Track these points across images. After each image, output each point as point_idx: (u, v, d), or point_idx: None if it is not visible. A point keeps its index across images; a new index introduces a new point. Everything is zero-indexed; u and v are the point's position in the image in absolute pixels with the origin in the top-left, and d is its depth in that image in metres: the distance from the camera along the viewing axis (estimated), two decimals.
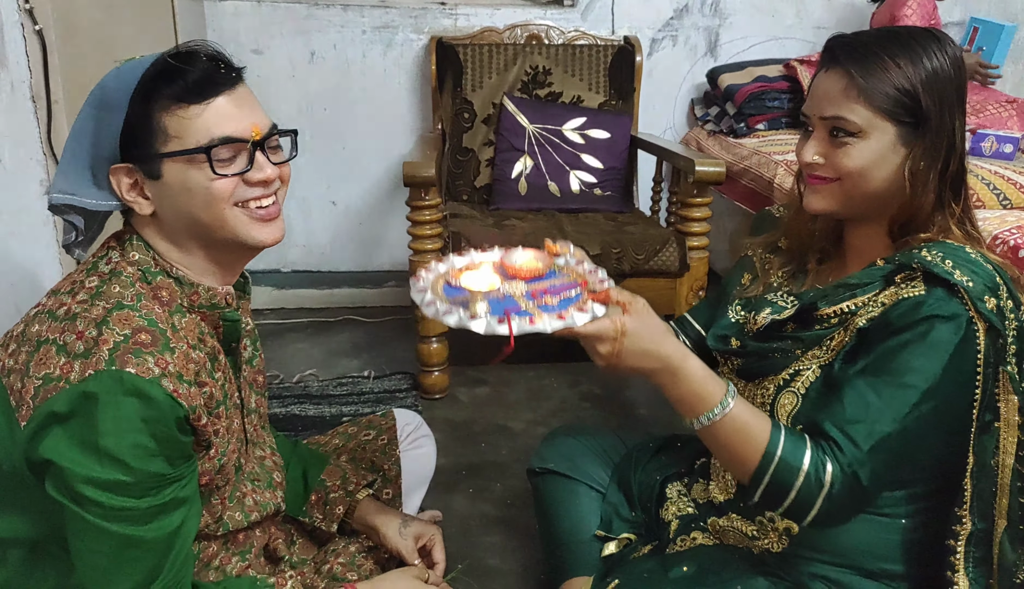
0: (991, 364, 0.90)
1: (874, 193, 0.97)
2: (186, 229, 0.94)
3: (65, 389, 0.82)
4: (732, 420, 0.92)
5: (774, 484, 0.91)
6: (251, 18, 2.65)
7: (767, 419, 0.94)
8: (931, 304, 0.89)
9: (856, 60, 0.94)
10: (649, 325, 0.93)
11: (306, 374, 2.34)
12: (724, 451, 0.96)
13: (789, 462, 0.90)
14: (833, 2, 2.90)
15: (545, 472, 1.35)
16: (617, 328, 0.89)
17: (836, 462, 0.89)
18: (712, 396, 0.93)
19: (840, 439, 0.90)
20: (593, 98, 2.64)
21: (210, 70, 0.90)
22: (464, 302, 0.89)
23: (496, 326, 0.84)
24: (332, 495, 1.22)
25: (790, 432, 0.93)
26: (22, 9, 1.45)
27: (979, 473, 0.93)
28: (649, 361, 0.92)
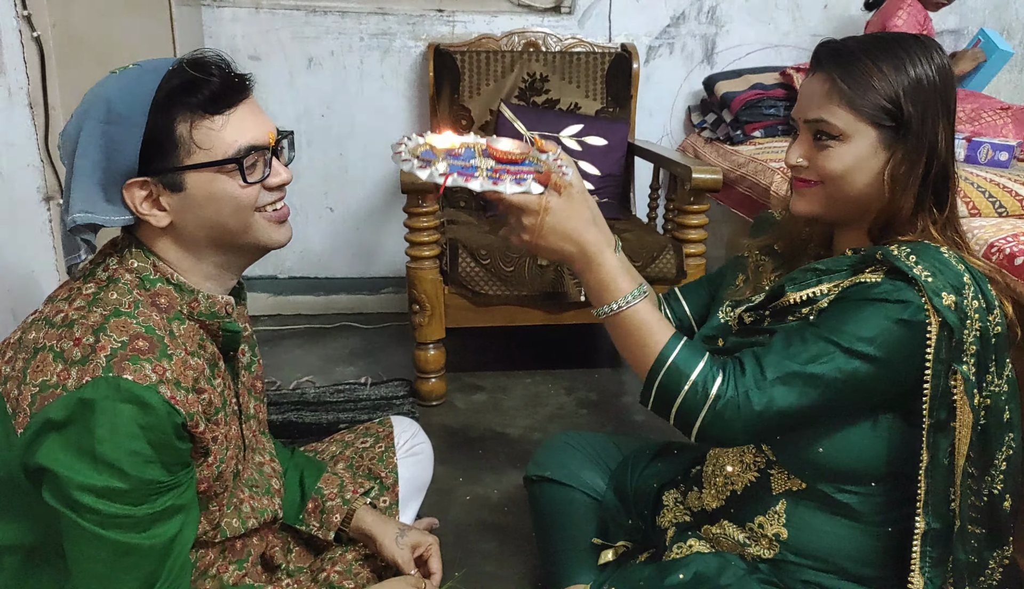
0: (942, 361, 0.90)
1: (856, 196, 0.98)
2: (207, 237, 0.94)
3: (62, 396, 0.82)
4: (634, 315, 0.96)
5: (663, 387, 0.94)
6: (249, 24, 2.66)
7: (672, 329, 0.97)
8: (884, 287, 0.90)
9: (840, 65, 0.95)
10: (576, 209, 0.95)
11: (303, 381, 2.33)
12: (624, 347, 0.98)
13: (679, 368, 0.93)
14: (829, 10, 2.91)
15: (542, 480, 1.35)
16: (541, 203, 0.92)
17: (732, 381, 0.92)
18: (620, 289, 0.96)
19: (748, 362, 0.93)
20: (590, 105, 2.65)
21: (228, 80, 0.91)
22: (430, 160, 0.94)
23: (436, 177, 0.90)
24: (329, 503, 1.21)
25: (691, 344, 0.95)
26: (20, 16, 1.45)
27: (932, 471, 0.93)
28: (568, 244, 0.95)
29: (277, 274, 2.93)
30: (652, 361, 0.94)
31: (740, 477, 1.08)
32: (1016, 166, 2.11)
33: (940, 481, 0.94)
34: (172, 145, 0.88)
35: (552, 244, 0.95)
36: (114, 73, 0.90)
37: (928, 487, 0.94)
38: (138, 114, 0.87)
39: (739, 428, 0.92)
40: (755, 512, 1.06)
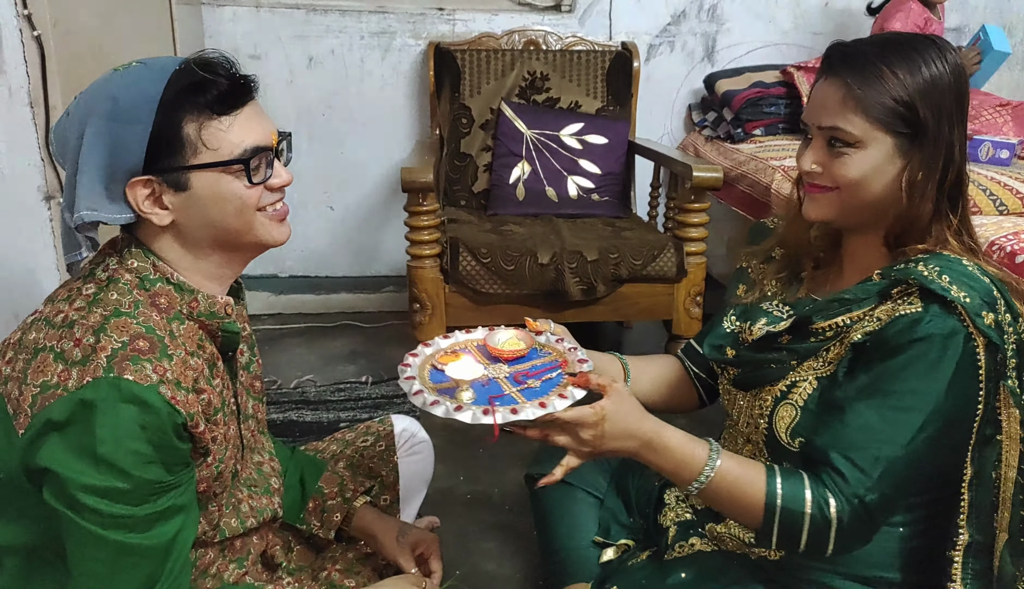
0: (992, 379, 0.90)
1: (871, 203, 0.97)
2: (209, 236, 0.94)
3: (63, 397, 0.82)
4: (723, 477, 0.93)
5: (784, 531, 0.92)
6: (249, 23, 2.66)
7: (759, 466, 0.94)
8: (928, 322, 0.89)
9: (854, 70, 0.94)
10: (627, 406, 0.95)
11: (303, 380, 2.34)
12: (726, 508, 0.97)
13: (791, 508, 0.90)
14: (830, 8, 2.91)
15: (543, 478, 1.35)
16: (597, 413, 0.92)
17: (840, 494, 0.89)
18: (698, 460, 0.94)
19: (846, 468, 0.90)
20: (591, 103, 2.65)
21: (236, 81, 0.91)
22: (451, 388, 0.94)
23: (481, 417, 0.89)
24: (330, 502, 1.21)
25: (785, 475, 0.93)
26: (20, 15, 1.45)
27: (977, 485, 0.93)
28: (630, 441, 0.94)
29: (278, 273, 2.93)
30: (761, 513, 0.92)
31: None
32: (1017, 164, 2.11)
33: (985, 494, 0.94)
34: (179, 144, 0.88)
35: (614, 447, 0.94)
36: (117, 70, 0.90)
37: (972, 500, 0.94)
38: (145, 112, 0.86)
39: (866, 531, 0.92)
40: None
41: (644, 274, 2.12)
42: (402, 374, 0.98)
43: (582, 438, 0.93)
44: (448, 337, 1.07)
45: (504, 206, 2.49)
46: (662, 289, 2.15)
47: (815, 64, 2.65)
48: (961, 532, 0.94)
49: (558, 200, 2.50)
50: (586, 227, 2.32)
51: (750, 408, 1.06)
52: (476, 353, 1.01)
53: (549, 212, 2.46)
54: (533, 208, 2.47)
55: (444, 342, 1.06)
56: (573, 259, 2.07)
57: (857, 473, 0.89)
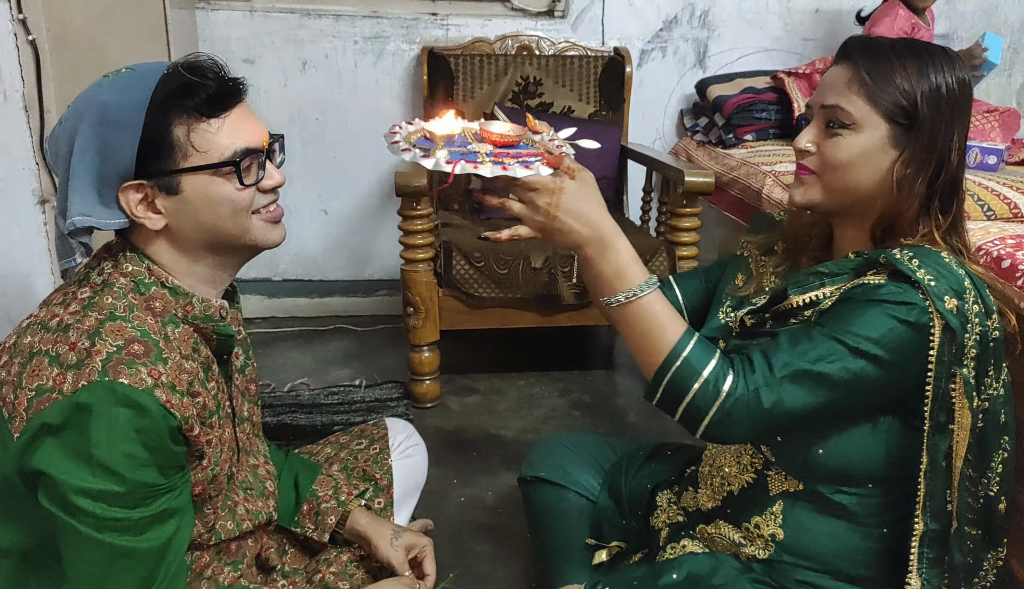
0: (944, 363, 0.91)
1: (856, 189, 0.98)
2: (203, 240, 0.94)
3: (58, 400, 0.82)
4: (646, 306, 0.93)
5: (673, 383, 0.92)
6: (243, 27, 2.66)
7: (684, 323, 0.95)
8: (888, 289, 0.91)
9: (867, 57, 0.96)
10: (590, 192, 0.94)
11: (297, 383, 2.34)
12: (634, 339, 0.95)
13: (692, 364, 0.91)
14: (820, 15, 2.93)
15: (536, 480, 1.36)
16: (556, 183, 0.91)
17: (742, 378, 0.91)
18: (634, 277, 0.93)
19: (757, 360, 0.92)
20: (583, 108, 2.66)
21: (224, 84, 0.91)
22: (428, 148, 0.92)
23: (443, 165, 0.88)
24: (324, 505, 1.22)
25: (701, 340, 0.94)
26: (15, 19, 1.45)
27: (931, 473, 0.94)
28: (582, 226, 0.92)
29: (271, 277, 2.93)
30: (663, 356, 0.92)
31: (737, 478, 1.09)
32: (1004, 170, 2.13)
33: (939, 483, 0.95)
34: (168, 148, 0.89)
35: (567, 225, 0.92)
36: (107, 76, 0.90)
37: (927, 489, 0.94)
38: (134, 117, 0.87)
39: (746, 426, 0.92)
40: (751, 513, 1.07)
41: None
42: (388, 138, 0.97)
43: (536, 204, 0.92)
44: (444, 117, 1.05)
45: (497, 210, 2.49)
46: None
47: (806, 70, 2.68)
48: (916, 522, 0.95)
49: None
50: None
51: None
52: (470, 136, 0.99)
53: None
54: None
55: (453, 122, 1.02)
56: (566, 263, 2.09)
57: (765, 368, 0.91)
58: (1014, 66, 3.12)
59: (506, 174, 0.89)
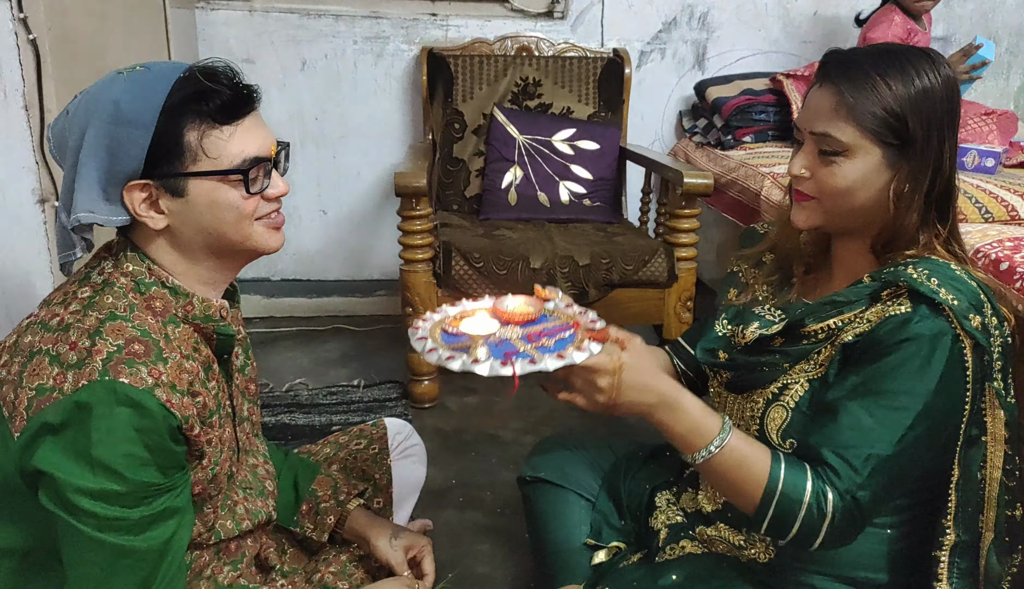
0: (978, 380, 0.92)
1: (857, 211, 0.98)
2: (204, 242, 0.94)
3: (58, 400, 0.82)
4: (731, 453, 0.93)
5: (778, 517, 0.92)
6: (242, 27, 2.66)
7: (765, 450, 0.95)
8: (918, 322, 0.90)
9: (847, 78, 0.95)
10: (646, 360, 0.95)
11: (296, 383, 2.34)
12: (725, 484, 0.96)
13: (791, 496, 0.91)
14: (819, 16, 2.94)
15: (535, 481, 1.36)
16: (615, 362, 0.92)
17: (835, 490, 0.90)
18: (710, 430, 0.94)
19: (838, 465, 0.91)
20: (583, 109, 2.66)
21: (239, 91, 0.92)
22: (464, 348, 0.92)
23: (499, 368, 0.87)
24: (323, 505, 1.22)
25: (789, 463, 0.93)
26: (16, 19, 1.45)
27: (964, 485, 0.95)
28: (647, 396, 0.94)
29: (270, 276, 2.93)
30: (760, 494, 0.92)
31: None
32: (1002, 172, 2.13)
33: (972, 495, 0.95)
34: (179, 151, 0.89)
35: (631, 399, 0.94)
36: (120, 73, 0.90)
37: (959, 501, 0.95)
38: (147, 118, 0.87)
39: (856, 530, 0.93)
40: None
41: (635, 279, 2.13)
42: (412, 336, 0.97)
43: (599, 387, 0.92)
44: (455, 305, 1.05)
45: (496, 211, 2.50)
46: (653, 294, 2.17)
47: (804, 72, 2.68)
48: (948, 532, 0.96)
49: (550, 205, 2.51)
50: (578, 232, 2.34)
51: (741, 410, 1.07)
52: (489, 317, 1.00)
53: (541, 217, 2.47)
54: (525, 213, 2.48)
55: (452, 309, 1.04)
56: (565, 264, 2.09)
57: (849, 470, 0.90)
58: (1012, 69, 3.13)
59: (567, 362, 0.88)
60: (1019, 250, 1.33)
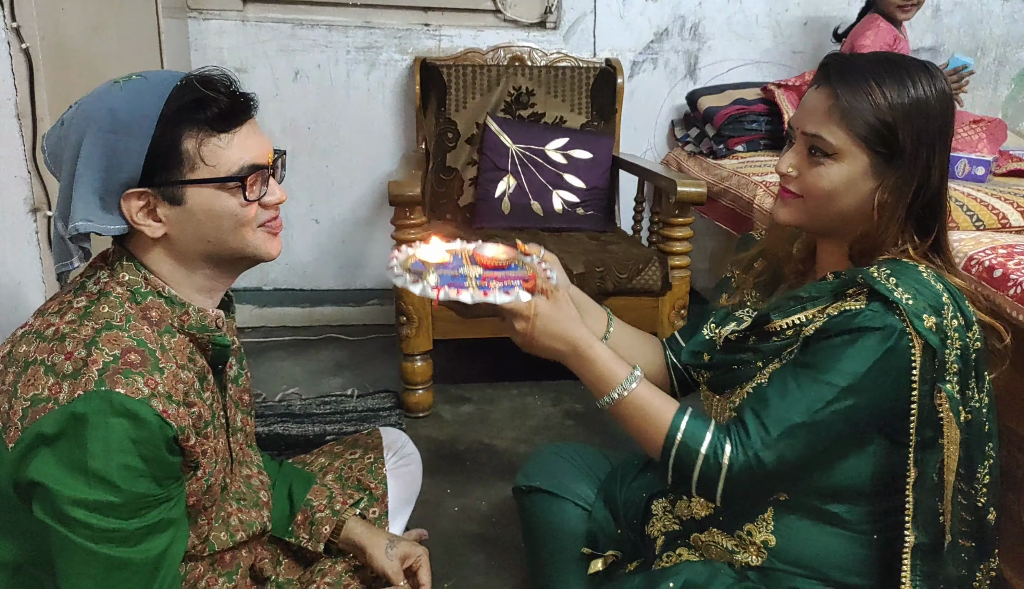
0: (927, 381, 0.92)
1: (838, 214, 1.00)
2: (201, 250, 0.94)
3: (54, 410, 0.82)
4: (635, 399, 1.00)
5: (677, 465, 0.97)
6: (235, 37, 2.66)
7: (673, 403, 1.01)
8: (866, 315, 0.92)
9: (845, 82, 0.96)
10: (563, 310, 1.02)
11: (289, 393, 2.33)
12: (634, 432, 1.02)
13: (688, 443, 0.96)
14: (809, 27, 2.97)
15: (531, 490, 1.36)
16: (530, 308, 1.00)
17: (739, 445, 0.94)
18: (616, 377, 1.01)
19: (751, 423, 0.95)
20: (575, 119, 2.67)
21: (236, 99, 0.92)
22: (420, 273, 1.02)
23: (429, 291, 0.98)
24: (318, 515, 1.21)
25: (694, 415, 0.98)
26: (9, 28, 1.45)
27: (920, 486, 0.95)
28: (559, 343, 1.02)
29: (262, 286, 2.92)
30: (662, 442, 0.98)
31: None
32: (992, 181, 2.16)
33: (928, 496, 0.96)
34: (177, 159, 0.89)
35: (544, 344, 1.02)
36: (117, 83, 0.90)
37: (916, 501, 0.95)
38: (145, 126, 0.87)
39: (757, 488, 0.96)
40: (744, 519, 1.07)
41: (629, 287, 2.14)
42: (389, 259, 1.07)
43: (515, 328, 1.01)
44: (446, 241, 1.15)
45: (490, 220, 2.50)
46: (647, 302, 2.17)
47: (795, 82, 2.70)
48: (907, 533, 0.96)
49: (543, 214, 2.52)
50: (571, 241, 2.34)
51: (722, 410, 1.09)
52: (465, 258, 1.10)
53: (534, 226, 2.48)
54: (519, 222, 2.49)
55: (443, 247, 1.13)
56: None
57: (760, 429, 0.94)
58: (999, 79, 3.16)
59: (485, 300, 0.98)
60: (1012, 257, 1.34)
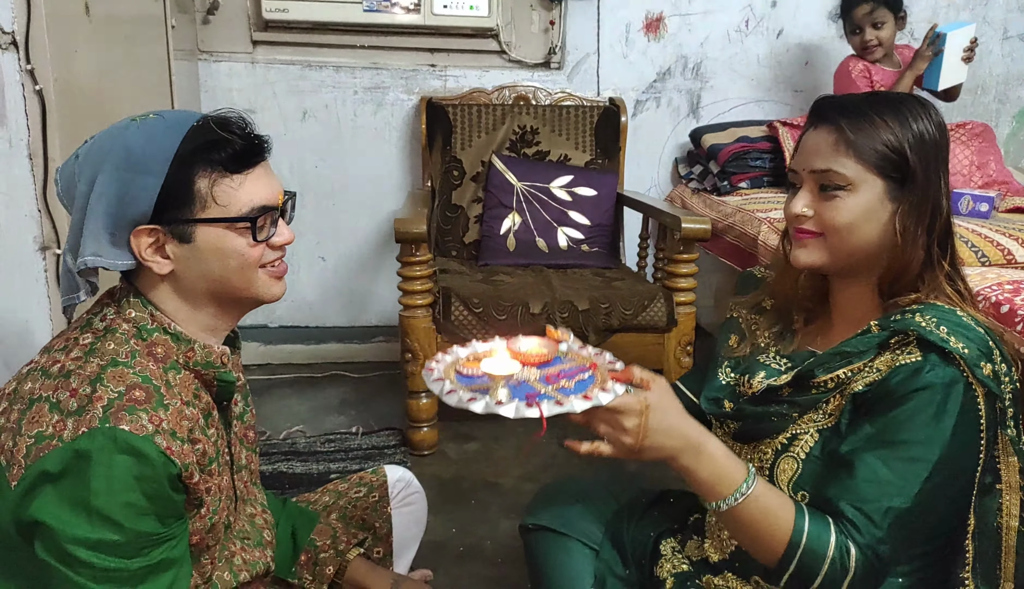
0: (991, 428, 0.91)
1: (860, 247, 0.98)
2: (207, 289, 0.95)
3: (58, 448, 0.81)
4: (755, 501, 0.91)
5: (800, 570, 0.90)
6: (245, 78, 2.71)
7: (789, 500, 0.93)
8: (929, 371, 0.90)
9: (846, 116, 0.97)
10: (672, 401, 0.93)
11: (293, 430, 2.32)
12: (748, 535, 0.94)
13: (815, 549, 0.89)
14: (810, 67, 3.00)
15: (537, 529, 1.34)
16: (642, 402, 0.90)
17: (856, 544, 0.88)
18: (735, 476, 0.92)
19: (857, 518, 0.89)
20: (580, 157, 2.70)
21: (250, 141, 0.94)
22: (482, 389, 0.90)
23: (525, 410, 0.85)
24: (322, 555, 1.20)
25: (813, 515, 0.91)
26: (23, 70, 1.48)
27: (980, 535, 0.93)
28: (673, 439, 0.91)
29: (268, 323, 2.93)
30: (784, 547, 0.90)
31: None
32: (996, 217, 2.16)
33: (989, 545, 0.94)
34: (189, 198, 0.90)
35: (658, 442, 0.91)
36: (134, 121, 0.92)
37: (976, 551, 0.94)
38: (159, 165, 0.88)
39: (877, 582, 0.91)
40: (760, 566, 1.05)
41: (635, 324, 2.13)
42: (428, 377, 0.94)
43: (626, 428, 0.89)
44: (465, 346, 1.03)
45: (495, 257, 2.51)
46: (652, 339, 2.17)
47: (798, 121, 2.73)
48: (967, 583, 0.94)
49: (548, 251, 2.52)
50: (576, 277, 2.35)
51: (749, 461, 1.05)
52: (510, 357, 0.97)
53: (539, 263, 2.48)
54: (524, 259, 2.49)
55: (463, 350, 1.02)
56: (564, 309, 2.09)
57: (869, 524, 0.88)
58: (1000, 117, 3.19)
59: (594, 403, 0.86)
60: (1019, 293, 1.33)
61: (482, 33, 2.78)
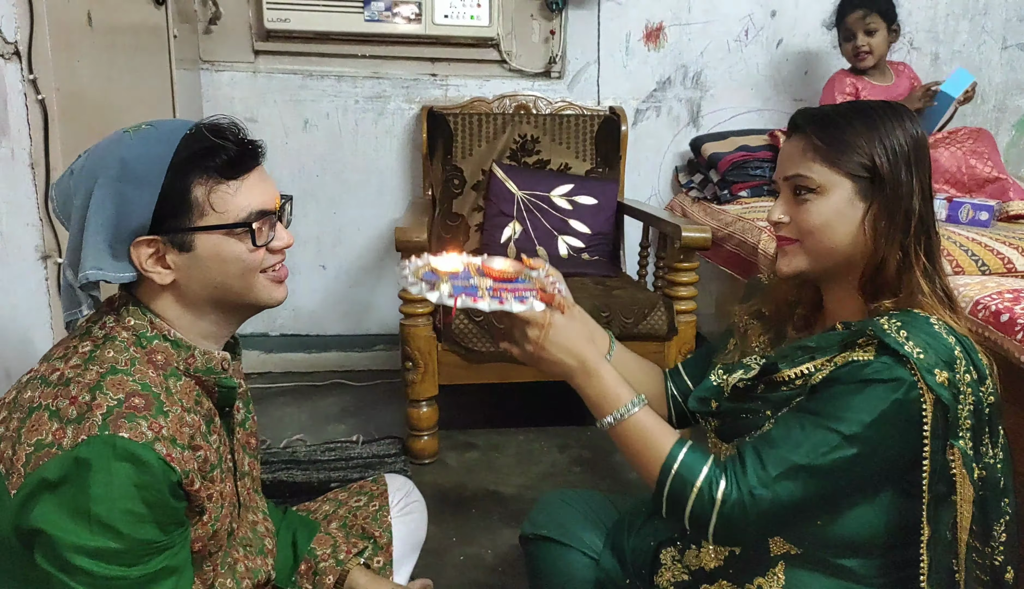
0: (939, 437, 0.91)
1: (835, 248, 1.00)
2: (209, 296, 0.95)
3: (57, 455, 0.81)
4: (636, 424, 1.00)
5: (672, 496, 0.96)
6: (246, 87, 2.72)
7: (675, 434, 1.00)
8: (875, 367, 0.91)
9: (816, 125, 1.01)
10: (576, 325, 1.04)
11: (294, 439, 2.31)
12: (631, 456, 1.02)
13: (684, 475, 0.95)
14: (809, 76, 3.01)
15: (538, 538, 1.33)
16: (545, 317, 1.01)
17: (735, 482, 0.93)
18: (621, 398, 1.01)
19: (749, 460, 0.94)
20: (580, 165, 2.71)
21: (244, 147, 0.94)
22: (434, 282, 1.04)
23: (446, 299, 1.00)
24: (322, 564, 1.20)
25: (693, 449, 0.97)
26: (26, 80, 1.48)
27: (934, 544, 0.94)
28: (569, 357, 1.02)
29: (268, 331, 2.93)
30: (658, 470, 0.97)
31: None
32: (996, 226, 2.16)
33: (943, 554, 0.94)
34: (186, 207, 0.90)
35: (554, 356, 1.02)
36: (127, 132, 0.92)
37: (931, 560, 0.94)
38: (155, 175, 0.88)
39: (750, 528, 0.94)
40: (754, 573, 1.05)
41: (635, 332, 2.13)
42: (400, 268, 1.08)
43: (527, 336, 1.02)
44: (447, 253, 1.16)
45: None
46: (653, 347, 2.17)
47: None
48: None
49: (549, 259, 2.53)
50: (577, 286, 2.35)
51: None
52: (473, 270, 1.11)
53: None
54: None
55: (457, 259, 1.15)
56: None
57: (758, 467, 0.93)
58: (1000, 126, 3.20)
59: (502, 308, 0.99)
60: (1019, 302, 1.33)
61: (483, 43, 2.79)
